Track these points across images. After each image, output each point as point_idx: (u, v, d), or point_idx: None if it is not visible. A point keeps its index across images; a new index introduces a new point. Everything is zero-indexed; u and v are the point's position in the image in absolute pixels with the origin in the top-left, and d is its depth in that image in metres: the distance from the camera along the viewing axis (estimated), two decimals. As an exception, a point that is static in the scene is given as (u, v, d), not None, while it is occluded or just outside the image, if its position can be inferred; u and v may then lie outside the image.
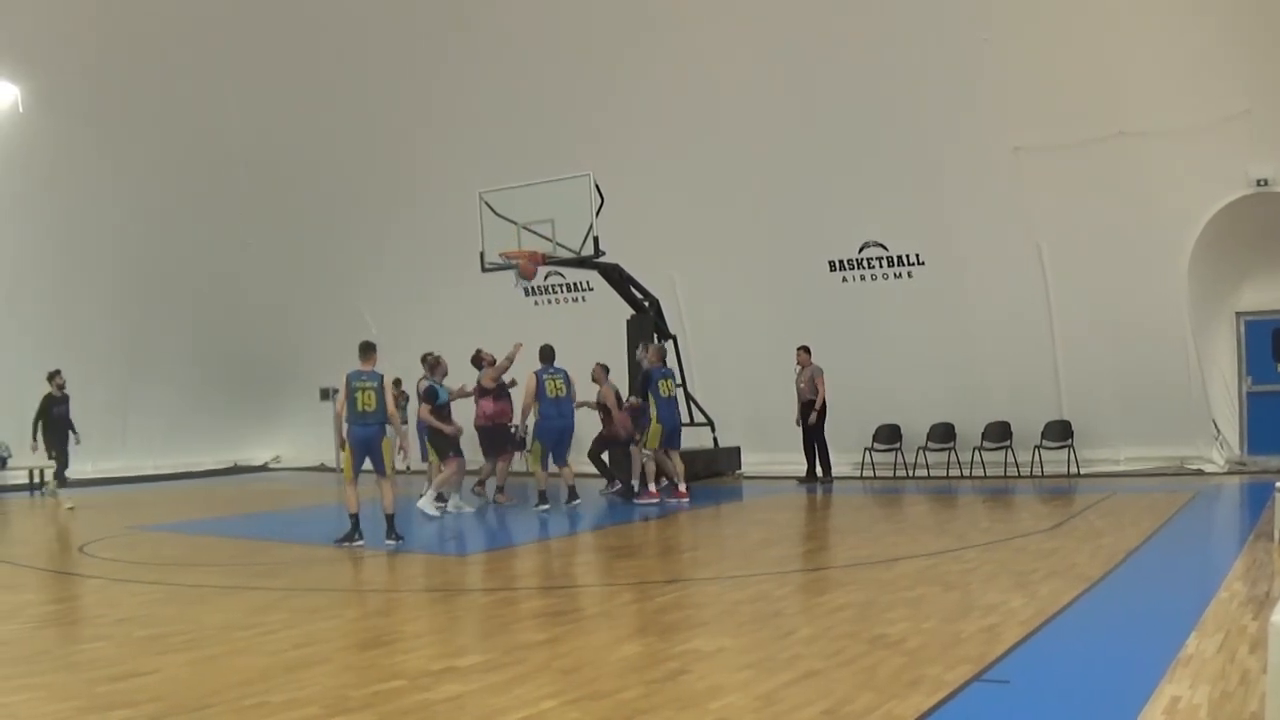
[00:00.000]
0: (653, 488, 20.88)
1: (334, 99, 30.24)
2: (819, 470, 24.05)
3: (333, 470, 32.32)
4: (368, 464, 16.84)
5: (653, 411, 20.33)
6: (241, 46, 29.59)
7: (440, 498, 20.36)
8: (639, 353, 22.76)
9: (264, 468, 36.10)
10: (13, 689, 8.48)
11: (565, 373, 21.34)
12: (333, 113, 30.47)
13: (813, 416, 23.63)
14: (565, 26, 26.99)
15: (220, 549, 17.28)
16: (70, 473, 29.10)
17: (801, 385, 23.90)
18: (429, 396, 20.18)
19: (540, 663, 8.77)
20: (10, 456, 30.34)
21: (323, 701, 7.83)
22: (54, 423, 27.74)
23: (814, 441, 24.02)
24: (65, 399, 27.97)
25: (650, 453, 20.94)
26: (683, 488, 21.12)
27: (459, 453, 20.35)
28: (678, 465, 21.36)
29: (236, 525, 20.23)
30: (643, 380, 21.37)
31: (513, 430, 21.68)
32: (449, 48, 28.42)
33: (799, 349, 24.10)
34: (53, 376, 27.69)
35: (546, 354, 21.54)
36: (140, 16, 28.66)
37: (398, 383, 30.17)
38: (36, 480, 29.70)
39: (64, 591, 13.83)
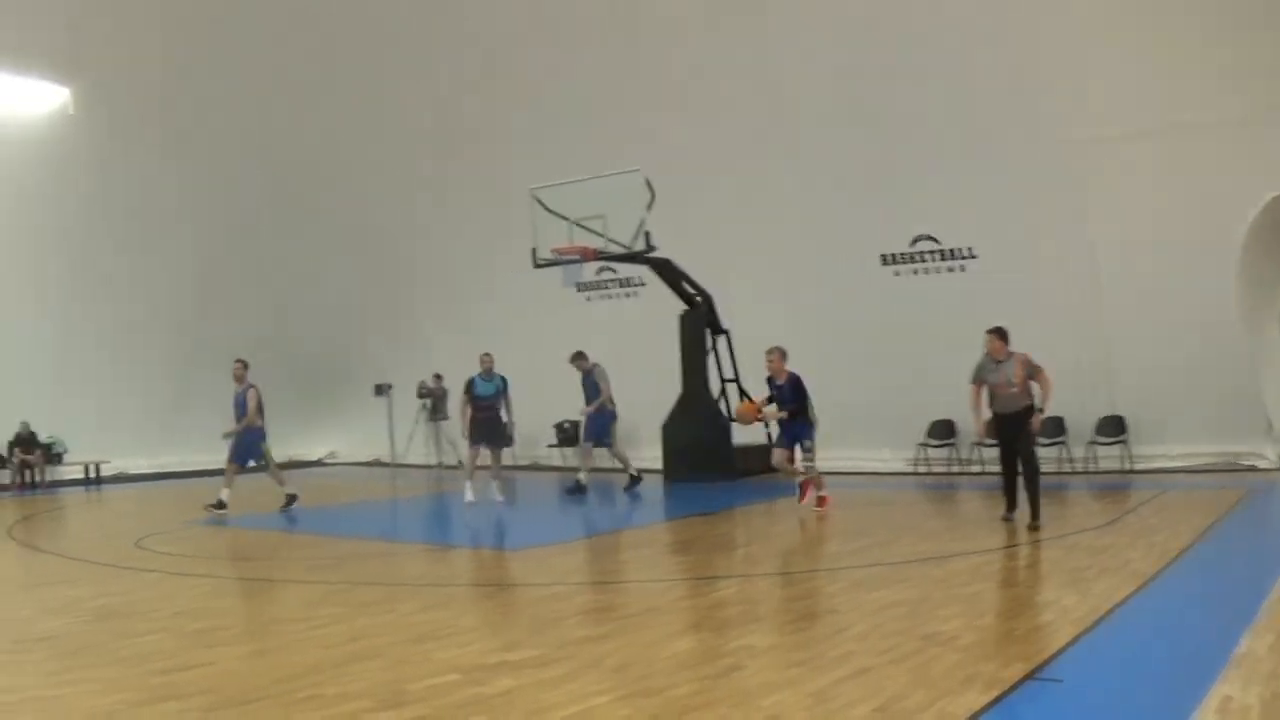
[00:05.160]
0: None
1: (389, 97, 30.44)
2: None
3: (387, 465, 32.49)
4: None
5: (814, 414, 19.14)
6: (294, 45, 29.77)
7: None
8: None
9: (319, 463, 36.26)
10: (66, 681, 8.56)
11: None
12: (387, 110, 30.64)
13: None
14: (616, 22, 27.01)
15: (276, 543, 17.44)
16: (127, 468, 29.34)
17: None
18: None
19: (592, 658, 8.76)
20: (66, 451, 30.60)
21: (375, 695, 7.86)
22: None
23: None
24: None
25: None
26: None
27: (474, 442, 21.55)
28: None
29: (290, 519, 20.37)
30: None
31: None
32: (502, 46, 28.50)
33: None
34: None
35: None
36: (191, 17, 28.85)
37: (438, 377, 30.44)
38: (92, 474, 29.95)
39: (119, 585, 13.83)
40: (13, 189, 29.75)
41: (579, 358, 22.81)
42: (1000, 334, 15.92)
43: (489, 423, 21.55)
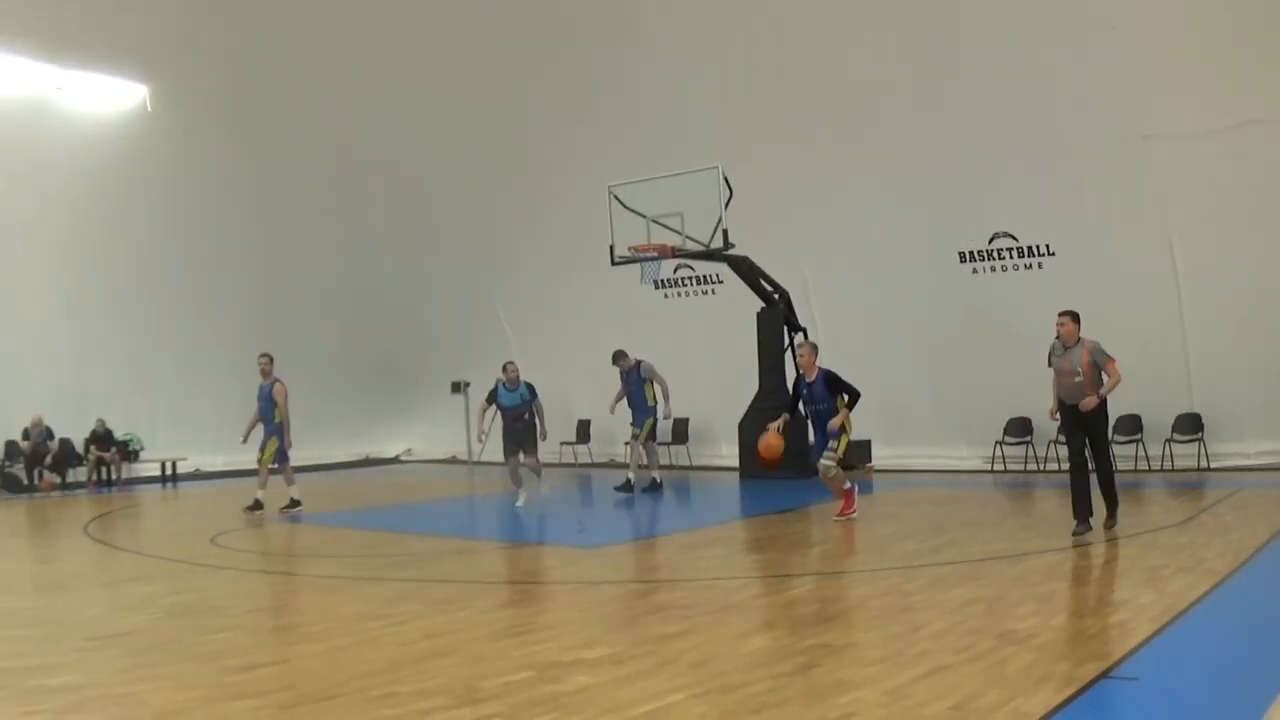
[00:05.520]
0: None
1: (465, 96, 30.51)
2: None
3: (464, 462, 32.64)
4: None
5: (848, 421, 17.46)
6: (371, 44, 29.92)
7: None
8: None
9: (396, 460, 36.48)
10: (141, 678, 8.67)
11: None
12: (463, 109, 30.72)
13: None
14: (692, 18, 27.04)
15: (352, 540, 17.53)
16: (207, 464, 29.62)
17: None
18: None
19: (669, 655, 8.83)
20: (143, 449, 30.92)
21: (451, 692, 7.92)
22: None
23: None
24: None
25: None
26: None
27: (506, 453, 21.20)
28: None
29: (368, 517, 20.48)
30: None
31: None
32: (577, 42, 28.56)
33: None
34: None
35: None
36: (269, 16, 29.06)
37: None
38: (168, 472, 30.28)
39: (195, 582, 14.02)
40: (91, 187, 30.04)
41: (620, 356, 22.68)
42: (1074, 317, 14.90)
43: (517, 432, 20.99)
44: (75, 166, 29.58)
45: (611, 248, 24.68)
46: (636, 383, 22.40)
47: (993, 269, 25.26)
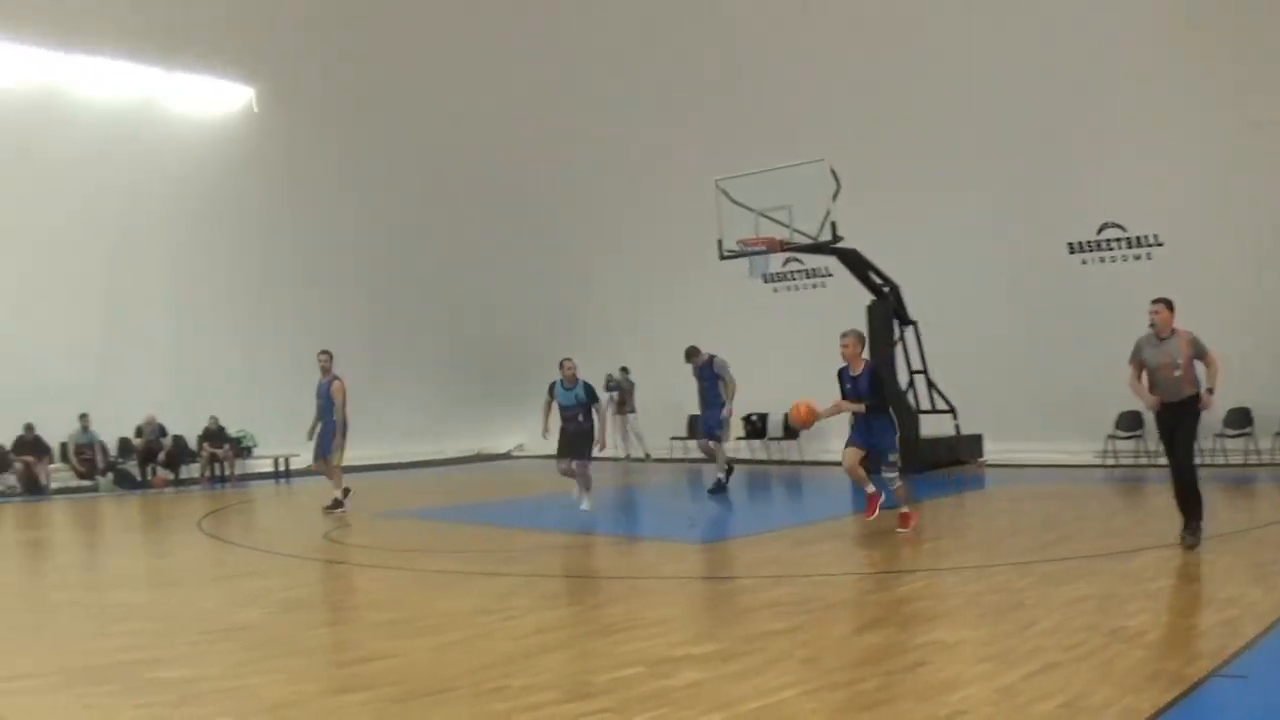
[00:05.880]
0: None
1: (567, 90, 30.72)
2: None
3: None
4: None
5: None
6: (472, 42, 30.21)
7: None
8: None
9: (507, 455, 36.71)
10: (254, 672, 8.87)
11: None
12: (569, 104, 30.94)
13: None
14: (794, 11, 27.07)
15: (463, 535, 17.71)
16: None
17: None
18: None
19: (779, 652, 8.89)
20: (256, 445, 31.34)
21: (562, 687, 8.02)
22: None
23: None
24: None
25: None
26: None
27: (558, 455, 19.93)
28: None
29: (479, 512, 20.61)
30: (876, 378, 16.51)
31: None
32: (677, 35, 28.66)
33: None
34: None
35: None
36: (373, 18, 29.41)
37: (624, 370, 30.68)
38: (281, 468, 30.69)
39: (307, 577, 14.30)
40: (201, 187, 30.65)
41: (693, 353, 22.17)
42: (1169, 304, 13.57)
43: (570, 435, 19.62)
44: (185, 168, 30.27)
45: (720, 242, 24.77)
46: (710, 379, 21.80)
47: (1102, 260, 25.10)
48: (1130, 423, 24.51)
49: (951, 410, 26.06)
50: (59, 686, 8.44)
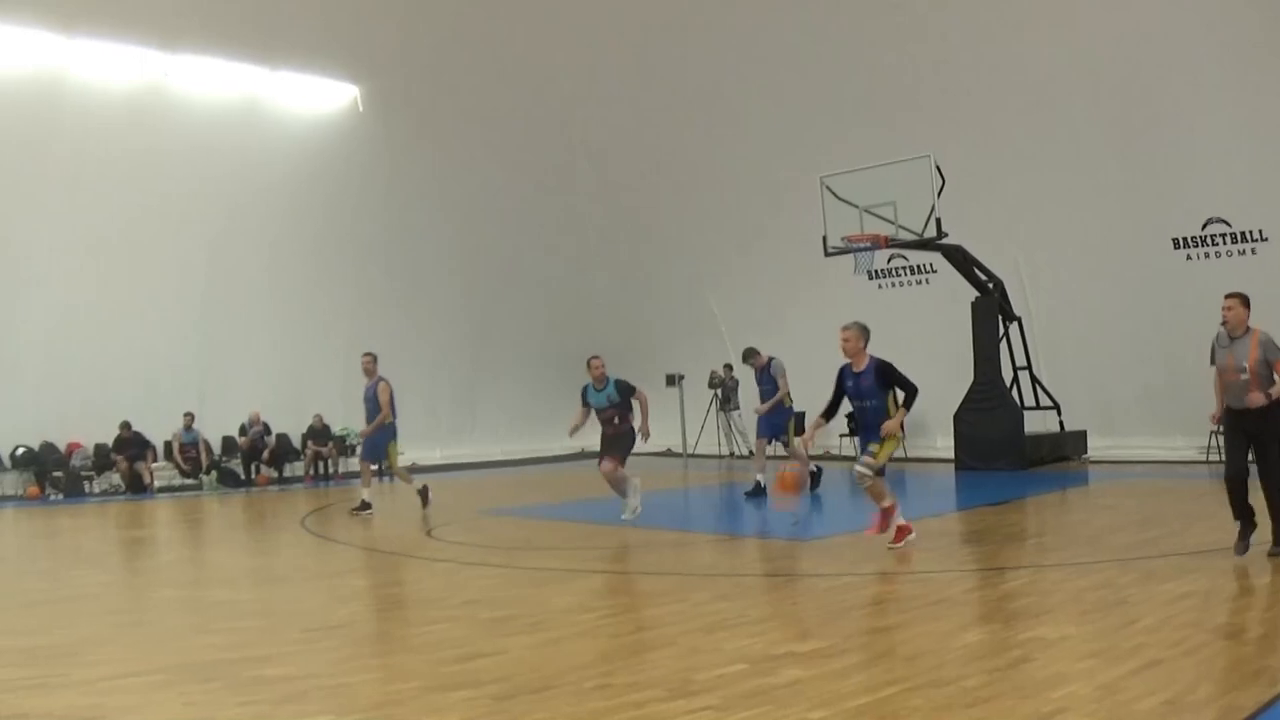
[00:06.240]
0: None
1: (674, 89, 30.76)
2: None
3: (678, 455, 32.87)
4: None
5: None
6: (577, 40, 30.31)
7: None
8: None
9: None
10: (357, 669, 9.05)
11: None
12: (674, 102, 31.00)
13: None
14: (897, 6, 27.02)
15: (565, 533, 17.78)
16: (421, 459, 30.15)
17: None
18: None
19: (882, 649, 8.99)
20: (359, 444, 31.72)
21: (665, 684, 8.05)
22: None
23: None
24: None
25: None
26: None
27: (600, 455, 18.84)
28: None
29: (580, 510, 20.59)
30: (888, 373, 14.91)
31: None
32: (787, 32, 28.64)
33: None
34: None
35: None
36: (478, 17, 29.60)
37: (728, 368, 30.68)
38: (385, 466, 31.06)
39: (411, 574, 14.45)
40: (303, 185, 31.13)
41: (752, 354, 21.66)
42: (1243, 300, 12.20)
43: (607, 437, 18.53)
44: (287, 165, 30.61)
45: (824, 238, 24.82)
46: (769, 382, 21.30)
47: (1206, 255, 24.87)
48: (1235, 419, 24.27)
49: (1055, 406, 25.98)
50: (162, 684, 8.56)
